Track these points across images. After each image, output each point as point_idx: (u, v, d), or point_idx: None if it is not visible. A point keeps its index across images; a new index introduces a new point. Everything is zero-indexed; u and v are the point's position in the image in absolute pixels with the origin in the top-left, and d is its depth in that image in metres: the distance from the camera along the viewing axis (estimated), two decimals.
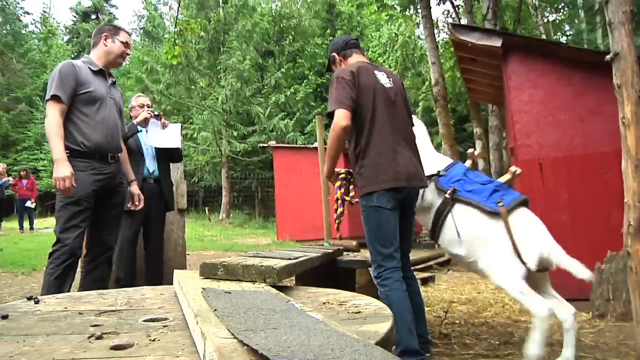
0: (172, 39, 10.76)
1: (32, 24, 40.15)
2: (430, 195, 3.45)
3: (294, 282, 3.49)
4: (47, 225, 17.12)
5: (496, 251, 3.18)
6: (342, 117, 2.75)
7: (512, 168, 3.66)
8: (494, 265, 3.18)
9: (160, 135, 4.41)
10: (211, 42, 22.97)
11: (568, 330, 3.13)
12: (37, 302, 1.70)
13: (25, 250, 9.38)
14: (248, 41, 23.38)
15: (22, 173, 14.90)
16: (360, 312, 1.41)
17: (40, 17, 41.12)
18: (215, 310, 1.19)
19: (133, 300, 1.70)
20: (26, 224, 14.89)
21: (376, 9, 13.23)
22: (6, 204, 16.78)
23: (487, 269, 3.23)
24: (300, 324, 1.04)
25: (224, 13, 23.22)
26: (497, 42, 5.48)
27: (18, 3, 35.55)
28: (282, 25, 26.87)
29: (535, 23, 19.08)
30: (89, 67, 3.45)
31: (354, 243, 4.35)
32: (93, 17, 38.51)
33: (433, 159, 3.61)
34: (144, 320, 1.38)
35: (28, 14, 54.35)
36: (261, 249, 10.99)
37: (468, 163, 3.64)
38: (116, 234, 3.66)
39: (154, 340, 1.15)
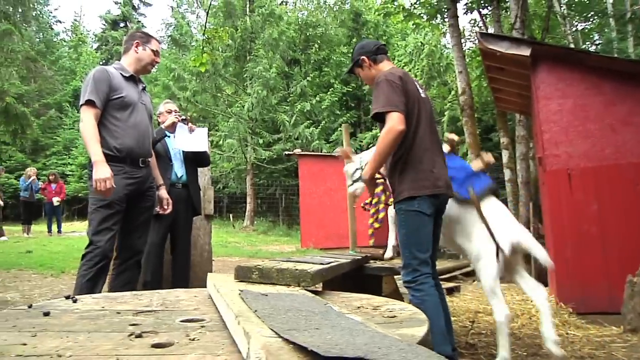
0: (200, 47, 10.89)
1: (63, 32, 41.12)
2: None
3: (321, 288, 3.50)
4: (74, 229, 17.40)
5: (478, 244, 3.39)
6: (399, 121, 2.70)
7: (485, 156, 3.80)
8: (479, 260, 3.40)
9: (188, 139, 4.47)
10: (238, 50, 23.14)
11: (543, 313, 3.32)
12: (75, 301, 1.74)
13: (54, 252, 9.54)
14: (274, 49, 23.49)
15: (51, 177, 15.20)
16: (395, 316, 1.41)
17: (72, 26, 42.13)
18: (255, 311, 1.21)
19: (168, 302, 1.73)
20: (54, 227, 15.15)
21: (402, 18, 13.21)
22: (36, 207, 17.11)
23: (473, 262, 3.48)
24: (341, 324, 1.05)
25: (251, 21, 23.40)
26: (525, 51, 5.44)
27: (51, 12, 36.44)
28: (308, 34, 26.97)
29: (563, 32, 18.85)
30: (121, 73, 3.52)
31: (381, 251, 4.34)
32: (122, 25, 39.22)
33: None
34: (181, 321, 1.40)
35: (60, 22, 55.58)
36: (285, 256, 11.01)
37: (446, 148, 3.70)
38: (145, 237, 3.71)
39: (193, 339, 1.18)
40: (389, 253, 4.06)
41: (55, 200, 14.62)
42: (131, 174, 3.42)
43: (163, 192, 3.87)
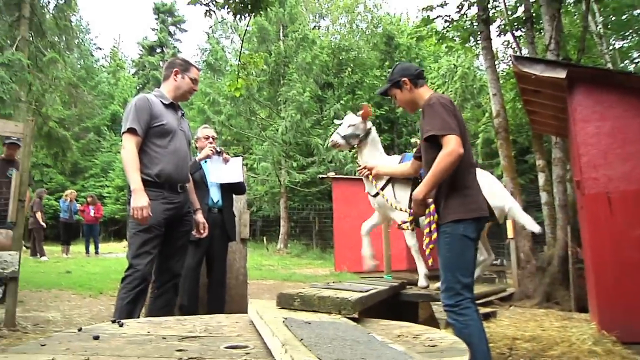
0: (236, 72, 11.08)
1: (103, 58, 42.41)
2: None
3: (357, 314, 3.49)
4: (110, 250, 17.73)
5: None
6: (459, 144, 2.71)
7: None
8: None
9: (223, 171, 4.54)
10: (272, 74, 23.44)
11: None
12: (121, 325, 1.80)
13: (92, 273, 9.76)
14: (308, 73, 23.73)
15: (89, 199, 15.59)
16: (436, 345, 1.42)
17: (111, 52, 43.41)
18: (302, 339, 1.23)
19: (211, 327, 1.77)
20: (91, 248, 15.47)
21: (436, 42, 13.24)
22: (74, 228, 17.52)
23: None
24: (386, 355, 1.06)
25: (285, 46, 23.75)
26: (561, 74, 5.37)
27: (92, 40, 37.66)
28: (341, 58, 27.19)
29: (600, 51, 18.55)
30: (161, 101, 3.60)
31: (416, 277, 4.32)
32: (158, 50, 40.16)
33: (388, 158, 4.41)
34: (226, 347, 1.43)
35: (100, 49, 57.21)
36: (319, 279, 11.01)
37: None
38: (183, 261, 3.76)
39: None
40: (422, 282, 4.03)
41: (92, 211, 14.95)
42: (170, 199, 3.49)
43: (199, 217, 3.94)
